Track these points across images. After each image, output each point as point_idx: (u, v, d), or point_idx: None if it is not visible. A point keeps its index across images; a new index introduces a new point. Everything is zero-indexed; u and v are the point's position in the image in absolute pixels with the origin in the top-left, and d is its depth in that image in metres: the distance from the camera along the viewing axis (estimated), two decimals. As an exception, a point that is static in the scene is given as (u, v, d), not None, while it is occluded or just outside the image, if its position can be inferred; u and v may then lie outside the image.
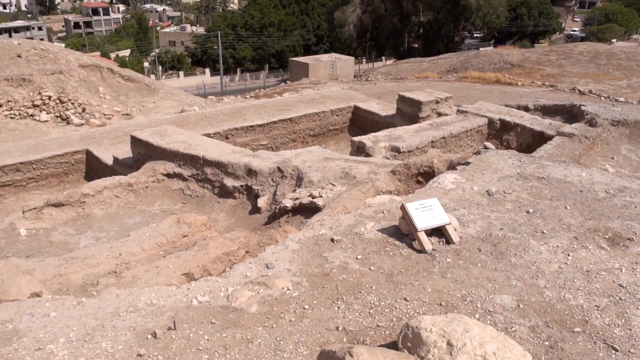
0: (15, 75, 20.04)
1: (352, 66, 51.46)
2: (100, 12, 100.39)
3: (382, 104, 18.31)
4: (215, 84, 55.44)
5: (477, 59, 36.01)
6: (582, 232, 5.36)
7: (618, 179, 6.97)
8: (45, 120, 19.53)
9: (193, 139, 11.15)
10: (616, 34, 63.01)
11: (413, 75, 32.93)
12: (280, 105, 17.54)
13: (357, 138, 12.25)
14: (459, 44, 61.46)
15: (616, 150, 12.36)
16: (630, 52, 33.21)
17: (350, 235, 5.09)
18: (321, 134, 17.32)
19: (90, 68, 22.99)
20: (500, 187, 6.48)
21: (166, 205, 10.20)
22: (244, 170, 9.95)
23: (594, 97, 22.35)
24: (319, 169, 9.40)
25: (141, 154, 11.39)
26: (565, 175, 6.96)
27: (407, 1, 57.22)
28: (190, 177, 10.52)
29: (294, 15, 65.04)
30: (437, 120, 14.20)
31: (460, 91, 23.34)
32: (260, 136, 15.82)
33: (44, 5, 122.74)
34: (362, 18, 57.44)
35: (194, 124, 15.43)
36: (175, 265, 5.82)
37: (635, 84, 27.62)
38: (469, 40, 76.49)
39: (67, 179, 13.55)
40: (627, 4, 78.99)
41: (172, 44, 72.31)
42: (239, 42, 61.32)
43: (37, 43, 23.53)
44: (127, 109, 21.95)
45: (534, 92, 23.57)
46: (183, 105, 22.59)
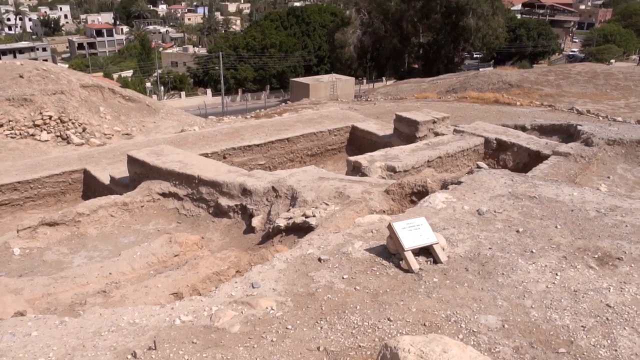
0: (16, 95, 20.23)
1: (352, 86, 51.79)
2: (104, 33, 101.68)
3: (380, 123, 18.41)
4: (217, 104, 55.84)
5: (476, 79, 36.27)
6: (572, 252, 5.34)
7: (610, 198, 6.96)
8: (46, 139, 19.66)
9: (189, 159, 11.20)
10: (615, 55, 63.51)
11: (412, 96, 33.12)
12: (278, 125, 17.64)
13: (353, 158, 12.28)
14: (458, 64, 61.97)
15: (612, 170, 12.36)
16: (628, 72, 33.42)
17: (337, 255, 5.08)
18: (319, 154, 17.38)
19: (91, 88, 23.20)
20: (491, 207, 6.48)
21: (161, 224, 10.20)
22: (238, 190, 9.97)
23: (592, 117, 22.45)
24: (313, 189, 9.41)
25: (137, 173, 11.44)
26: (556, 195, 6.95)
27: (407, 22, 57.84)
28: (185, 197, 10.54)
29: (295, 37, 65.76)
30: (434, 140, 14.25)
31: (459, 111, 23.46)
32: (257, 156, 15.88)
33: (49, 26, 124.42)
34: (362, 39, 58.03)
35: (192, 143, 15.51)
36: (164, 285, 5.80)
37: (633, 103, 27.74)
38: (468, 61, 77.11)
39: (65, 198, 13.59)
40: (625, 25, 79.77)
41: (174, 64, 73.02)
42: (241, 63, 61.91)
43: (39, 64, 23.81)
44: (128, 128, 22.10)
45: (532, 111, 23.69)
46: (183, 125, 22.72)
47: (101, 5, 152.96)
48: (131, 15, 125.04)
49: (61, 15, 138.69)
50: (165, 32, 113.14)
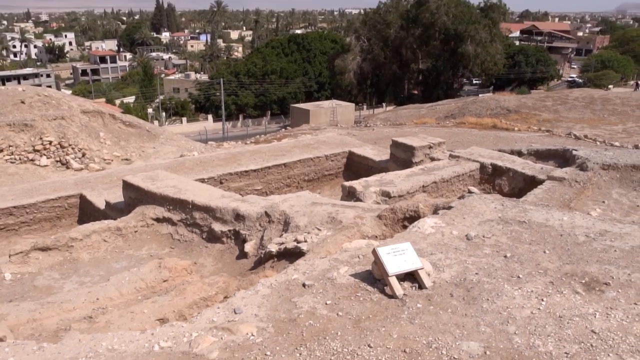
0: (17, 120, 20.40)
1: (352, 112, 52.17)
2: (108, 60, 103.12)
3: (376, 149, 18.48)
4: (218, 129, 56.24)
5: (474, 105, 36.51)
6: (559, 277, 5.31)
7: (600, 222, 6.95)
8: (45, 165, 19.74)
9: (183, 184, 11.23)
10: (613, 80, 64.03)
11: (411, 121, 33.30)
12: (275, 151, 17.71)
13: (348, 183, 12.31)
14: (457, 90, 62.52)
15: (607, 194, 12.36)
16: (625, 98, 33.64)
17: (322, 280, 5.06)
18: (316, 179, 17.41)
19: (92, 114, 23.38)
20: (480, 232, 6.47)
21: (154, 249, 10.18)
22: (231, 215, 9.97)
23: (589, 142, 22.50)
24: (306, 214, 9.41)
25: (132, 198, 11.46)
26: (546, 219, 6.94)
27: (406, 49, 58.57)
28: (179, 222, 10.54)
29: (295, 63, 66.56)
30: (429, 165, 14.28)
31: (457, 136, 23.56)
32: (254, 181, 15.91)
33: (54, 53, 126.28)
34: (362, 66, 58.69)
35: (189, 169, 15.57)
36: (150, 311, 5.77)
37: (631, 128, 27.85)
38: (468, 87, 77.84)
39: (60, 223, 13.59)
40: (622, 51, 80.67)
41: (176, 90, 73.80)
42: (242, 89, 62.54)
43: (41, 90, 24.07)
44: (127, 154, 22.20)
45: (529, 137, 23.76)
46: (183, 150, 22.83)
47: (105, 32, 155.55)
48: (135, 43, 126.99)
49: (66, 43, 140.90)
50: (168, 58, 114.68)
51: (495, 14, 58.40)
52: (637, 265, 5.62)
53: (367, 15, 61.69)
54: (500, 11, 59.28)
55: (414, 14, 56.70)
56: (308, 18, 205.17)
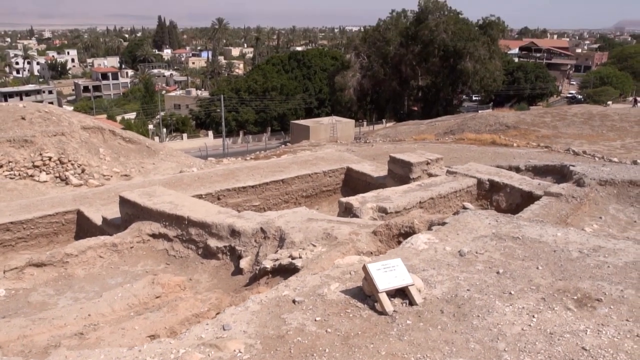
0: (17, 136, 20.48)
1: (352, 128, 52.35)
2: (110, 76, 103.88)
3: (375, 165, 18.51)
4: (218, 146, 56.42)
5: (473, 121, 36.65)
6: (551, 293, 5.29)
7: (594, 238, 6.94)
8: (45, 180, 19.76)
9: (180, 200, 11.24)
10: (612, 97, 64.33)
11: (411, 137, 33.39)
12: (273, 167, 17.75)
13: (345, 199, 12.31)
14: (457, 106, 62.78)
15: (604, 210, 12.34)
16: (623, 114, 33.76)
17: (312, 297, 5.04)
18: (314, 195, 17.41)
19: (92, 130, 23.48)
20: (473, 248, 6.46)
21: (150, 266, 10.15)
22: (227, 231, 9.96)
23: (588, 158, 22.51)
24: (301, 230, 9.41)
25: (129, 214, 11.47)
26: (540, 235, 6.94)
27: (405, 66, 58.97)
28: (175, 238, 10.53)
29: (296, 80, 66.99)
30: (426, 181, 14.29)
31: (455, 152, 23.60)
32: (252, 197, 15.92)
33: (56, 70, 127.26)
34: (362, 82, 59.05)
35: (187, 184, 15.59)
36: (141, 327, 5.74)
37: (629, 144, 27.89)
38: (468, 103, 78.19)
39: (57, 239, 13.57)
40: (620, 68, 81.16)
41: (177, 107, 74.20)
42: (242, 106, 62.86)
43: (41, 106, 24.21)
44: (127, 170, 22.24)
45: (528, 153, 23.79)
46: (182, 166, 22.87)
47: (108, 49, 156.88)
48: (137, 59, 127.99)
49: (68, 60, 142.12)
50: (169, 75, 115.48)
51: (493, 31, 58.90)
52: (630, 281, 5.60)
53: (367, 32, 62.24)
54: (498, 28, 59.80)
55: (413, 31, 57.19)
56: (309, 35, 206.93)
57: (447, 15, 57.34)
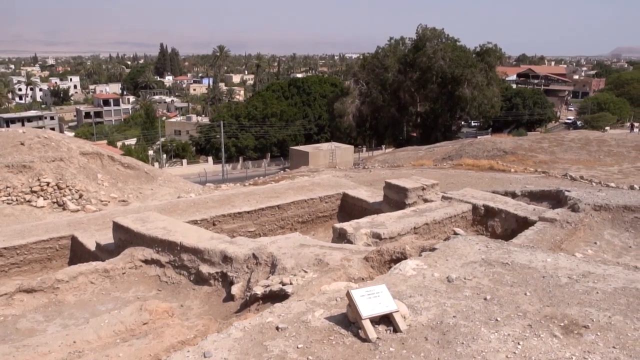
0: (16, 162, 20.54)
1: (351, 154, 52.58)
2: (111, 102, 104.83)
3: (371, 190, 18.51)
4: (218, 171, 56.57)
5: (471, 146, 36.84)
6: (538, 320, 5.25)
7: (584, 264, 6.91)
8: (42, 206, 19.75)
9: (173, 226, 11.23)
10: (609, 122, 64.75)
11: (409, 163, 33.50)
12: (269, 193, 17.76)
13: (339, 225, 12.29)
14: (456, 132, 63.16)
15: (599, 235, 12.29)
16: (620, 139, 33.94)
17: (296, 323, 5.00)
18: (310, 221, 17.38)
19: (91, 155, 23.57)
20: (462, 273, 6.43)
21: (141, 292, 10.09)
22: (219, 257, 9.93)
23: (585, 183, 22.51)
24: (293, 256, 9.38)
25: (122, 239, 11.45)
26: (530, 261, 6.91)
27: (404, 92, 59.54)
28: (167, 264, 10.48)
29: (295, 106, 67.55)
30: (421, 207, 14.28)
31: (453, 178, 23.61)
32: (247, 223, 15.89)
33: (58, 96, 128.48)
34: (361, 109, 59.54)
35: (183, 210, 15.58)
36: (126, 354, 5.68)
37: (627, 169, 27.95)
38: (467, 129, 78.62)
39: (51, 264, 13.51)
40: (617, 94, 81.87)
41: (177, 133, 74.67)
42: (242, 132, 63.23)
43: (41, 131, 24.37)
44: (124, 195, 22.24)
45: (526, 178, 23.80)
46: (180, 192, 22.87)
47: (110, 76, 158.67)
48: (138, 86, 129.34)
49: (71, 86, 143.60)
50: (170, 101, 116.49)
51: (491, 58, 59.62)
52: (618, 307, 5.56)
53: (366, 59, 63.01)
54: (496, 55, 60.52)
55: (412, 58, 57.91)
56: (309, 62, 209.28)
57: (445, 43, 58.15)
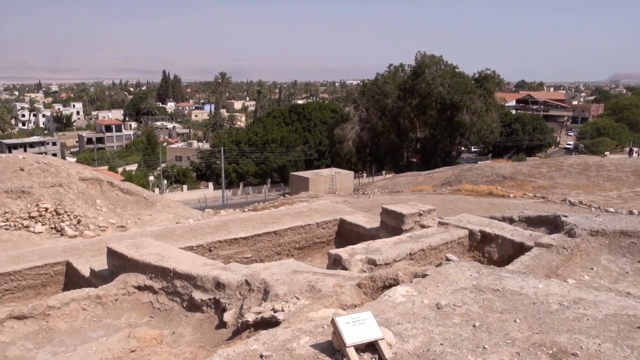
0: (15, 187, 20.58)
1: (351, 180, 52.63)
2: (113, 129, 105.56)
3: (368, 216, 18.48)
4: (218, 197, 56.59)
5: (470, 172, 36.87)
6: (526, 347, 5.19)
7: (575, 290, 6.86)
8: (40, 231, 19.72)
9: (167, 252, 11.20)
10: (609, 147, 64.96)
11: (409, 189, 33.49)
12: (266, 218, 17.73)
13: (334, 251, 12.25)
14: (455, 158, 63.32)
15: (596, 261, 12.22)
16: (619, 164, 33.94)
17: (281, 351, 4.96)
18: (307, 247, 17.31)
19: (90, 181, 23.61)
20: (452, 300, 6.38)
21: (133, 318, 10.01)
22: (212, 283, 9.87)
23: (584, 208, 22.42)
24: (286, 282, 9.33)
25: (116, 265, 11.41)
26: (521, 287, 6.87)
27: (404, 119, 59.92)
28: (160, 290, 10.42)
29: (296, 132, 67.93)
30: (417, 233, 14.24)
31: (451, 203, 23.56)
32: (244, 249, 15.83)
33: (61, 122, 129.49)
34: (360, 135, 59.86)
35: (179, 236, 15.55)
36: (111, 383, 5.61)
37: (626, 194, 27.87)
38: (467, 154, 78.87)
39: (45, 291, 13.42)
40: (616, 119, 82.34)
41: (178, 159, 74.98)
42: (242, 157, 63.46)
43: (41, 157, 24.48)
44: (123, 221, 22.21)
45: (524, 203, 23.74)
46: (179, 218, 22.84)
47: (113, 102, 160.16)
48: (140, 112, 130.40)
49: (73, 112, 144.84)
50: (172, 127, 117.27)
51: (489, 84, 60.16)
52: (608, 334, 5.51)
53: (365, 86, 63.62)
54: (494, 81, 61.09)
55: (411, 85, 58.46)
56: (310, 89, 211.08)
57: (444, 69, 58.78)
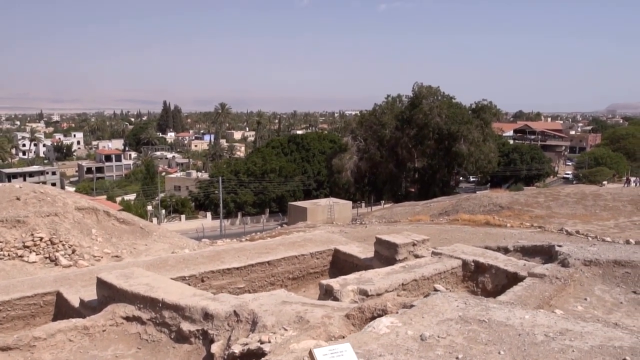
0: (10, 217, 20.57)
1: (349, 210, 52.54)
2: (113, 158, 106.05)
3: (362, 246, 18.40)
4: (216, 227, 56.46)
5: (467, 202, 36.91)
6: (509, 380, 5.13)
7: (562, 321, 6.80)
8: (34, 261, 19.62)
9: (156, 282, 11.14)
10: (607, 177, 65.16)
11: (406, 218, 33.46)
12: (260, 248, 17.65)
13: (325, 281, 12.17)
14: (454, 187, 63.41)
15: (589, 291, 12.13)
16: (616, 193, 34.02)
17: (259, 383, 4.90)
18: (301, 277, 17.18)
19: (86, 210, 23.61)
20: (436, 331, 6.33)
21: (120, 350, 9.89)
22: (200, 314, 9.79)
23: (581, 238, 22.36)
24: (274, 313, 9.24)
25: (105, 296, 11.32)
26: (507, 318, 6.81)
27: (401, 149, 60.25)
28: (148, 321, 10.32)
29: (295, 162, 68.21)
30: (410, 263, 14.17)
31: (447, 233, 23.50)
32: (237, 279, 15.71)
33: (61, 152, 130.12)
34: (359, 165, 60.07)
35: (172, 266, 15.46)
36: (89, 417, 5.52)
37: (623, 223, 27.84)
38: (465, 184, 78.99)
39: (34, 321, 13.27)
40: (614, 149, 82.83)
41: (177, 188, 75.09)
42: (241, 187, 63.55)
43: (37, 187, 24.53)
44: (118, 251, 22.12)
45: (521, 233, 23.67)
46: (175, 248, 22.75)
47: (113, 132, 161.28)
48: (141, 142, 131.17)
49: (74, 142, 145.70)
50: (171, 157, 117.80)
51: (486, 115, 60.68)
52: (593, 366, 5.45)
53: (363, 116, 64.17)
54: (491, 112, 61.64)
55: (408, 115, 58.97)
56: (309, 119, 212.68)
57: (441, 100, 59.39)
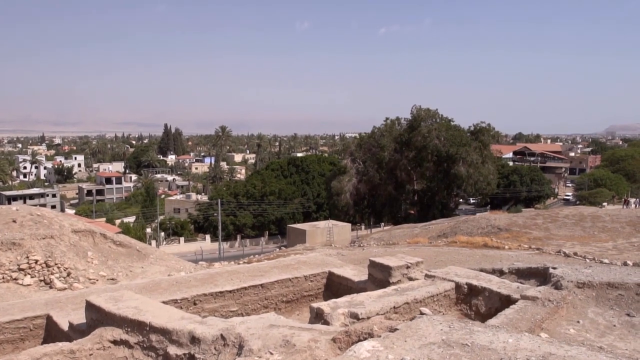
0: (6, 239, 20.55)
1: (348, 232, 52.49)
2: (113, 181, 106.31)
3: (357, 269, 18.30)
4: (215, 249, 56.29)
5: (466, 224, 36.83)
6: (487, 405, 5.08)
7: (546, 345, 6.75)
8: (28, 284, 19.54)
9: (145, 305, 11.07)
10: (606, 198, 65.14)
11: (404, 241, 33.35)
12: (254, 271, 17.56)
13: (316, 304, 12.08)
14: (453, 209, 63.28)
15: (583, 314, 12.05)
16: (614, 215, 33.97)
17: (232, 408, 4.85)
18: (295, 300, 17.06)
19: (83, 233, 23.60)
20: (418, 355, 6.28)
21: (106, 375, 9.79)
22: (187, 338, 9.71)
23: (579, 259, 22.22)
24: (261, 337, 9.18)
25: (94, 319, 11.24)
26: (490, 342, 6.76)
27: (400, 171, 60.35)
28: (136, 345, 10.23)
29: (294, 185, 68.32)
30: (403, 286, 14.09)
31: (444, 255, 23.38)
32: (230, 302, 15.60)
33: (62, 174, 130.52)
34: (358, 187, 60.11)
35: (164, 289, 15.37)
36: None
37: (621, 245, 27.72)
38: (465, 206, 78.90)
39: (23, 345, 13.15)
40: (613, 170, 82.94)
41: (176, 211, 75.07)
42: (240, 210, 63.53)
43: (34, 209, 24.55)
44: (114, 273, 22.04)
45: (518, 255, 23.55)
46: (171, 270, 22.64)
47: (114, 155, 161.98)
48: (141, 165, 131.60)
49: (75, 164, 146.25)
50: (172, 180, 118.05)
51: (485, 137, 60.91)
52: (573, 391, 5.39)
53: (362, 139, 64.44)
54: (489, 134, 61.88)
55: (407, 138, 59.21)
56: (310, 142, 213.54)
57: (439, 122, 59.69)
